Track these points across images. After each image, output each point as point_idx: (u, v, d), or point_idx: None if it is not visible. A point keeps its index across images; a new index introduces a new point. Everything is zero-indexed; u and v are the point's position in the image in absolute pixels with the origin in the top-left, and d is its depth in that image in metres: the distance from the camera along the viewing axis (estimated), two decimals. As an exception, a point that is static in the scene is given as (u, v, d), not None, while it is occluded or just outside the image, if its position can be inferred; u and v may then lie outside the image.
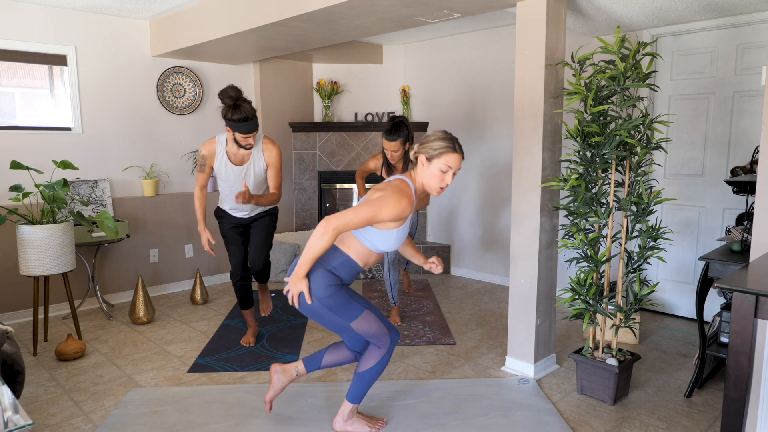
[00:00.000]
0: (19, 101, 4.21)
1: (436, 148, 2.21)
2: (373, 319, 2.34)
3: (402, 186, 2.20)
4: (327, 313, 2.28)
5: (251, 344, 3.57)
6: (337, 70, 5.79)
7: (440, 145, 2.21)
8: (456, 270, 5.50)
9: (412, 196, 2.20)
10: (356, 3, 3.08)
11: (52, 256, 3.38)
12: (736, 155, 3.71)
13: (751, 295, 1.63)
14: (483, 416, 2.64)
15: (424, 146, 2.23)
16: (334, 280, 2.25)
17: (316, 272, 2.23)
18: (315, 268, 2.24)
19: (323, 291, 2.23)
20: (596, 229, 2.83)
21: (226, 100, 2.95)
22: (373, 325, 2.34)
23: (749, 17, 3.50)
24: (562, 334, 3.76)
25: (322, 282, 2.23)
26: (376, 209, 2.12)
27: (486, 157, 5.10)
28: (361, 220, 2.13)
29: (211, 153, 3.21)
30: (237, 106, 2.93)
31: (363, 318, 2.31)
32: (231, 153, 3.20)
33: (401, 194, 2.15)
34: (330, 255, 2.27)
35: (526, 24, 2.91)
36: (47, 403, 2.81)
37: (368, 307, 2.35)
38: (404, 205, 2.14)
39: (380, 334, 2.36)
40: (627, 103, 2.60)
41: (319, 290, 2.23)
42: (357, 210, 2.13)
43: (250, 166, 3.24)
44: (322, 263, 2.25)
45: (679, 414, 2.67)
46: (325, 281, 2.23)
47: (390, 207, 2.13)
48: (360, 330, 2.33)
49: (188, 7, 4.21)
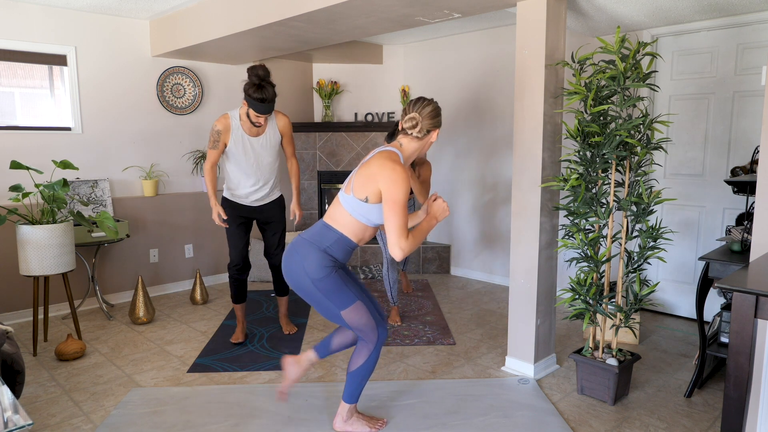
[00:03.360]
0: (19, 101, 4.21)
1: (440, 120, 2.29)
2: (364, 311, 2.32)
3: (394, 158, 2.19)
4: (319, 296, 2.26)
5: (240, 340, 3.57)
6: (337, 70, 5.79)
7: (440, 118, 2.30)
8: (456, 270, 5.50)
9: (406, 168, 2.22)
10: (356, 3, 3.08)
11: (52, 256, 3.38)
12: (736, 155, 3.71)
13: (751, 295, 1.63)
14: (483, 416, 2.64)
15: (435, 120, 2.26)
16: (329, 261, 2.24)
17: (310, 253, 2.23)
18: (309, 249, 2.24)
19: (317, 272, 2.22)
20: (596, 229, 2.83)
21: (252, 77, 3.11)
22: (363, 317, 2.32)
23: (749, 17, 3.50)
24: (562, 334, 3.76)
25: (317, 263, 2.22)
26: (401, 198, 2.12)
27: (486, 157, 5.09)
28: (405, 214, 2.13)
29: (226, 127, 3.29)
30: (261, 87, 3.09)
31: (354, 308, 2.29)
32: (245, 126, 3.32)
33: (400, 169, 2.14)
34: (323, 235, 2.25)
35: (526, 24, 2.91)
36: (47, 403, 2.81)
37: (361, 298, 2.33)
38: (408, 177, 2.15)
39: (369, 328, 2.34)
40: (627, 103, 2.60)
41: (313, 271, 2.22)
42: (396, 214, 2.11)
43: (266, 137, 3.39)
44: (316, 243, 2.24)
45: (679, 414, 2.67)
46: (320, 262, 2.22)
47: (403, 188, 2.12)
48: (349, 320, 2.31)
49: (188, 7, 4.21)
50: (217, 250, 5.21)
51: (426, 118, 2.23)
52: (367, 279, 5.30)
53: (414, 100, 2.26)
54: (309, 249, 2.24)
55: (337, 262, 2.28)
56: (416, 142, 2.27)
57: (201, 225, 5.07)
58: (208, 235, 5.13)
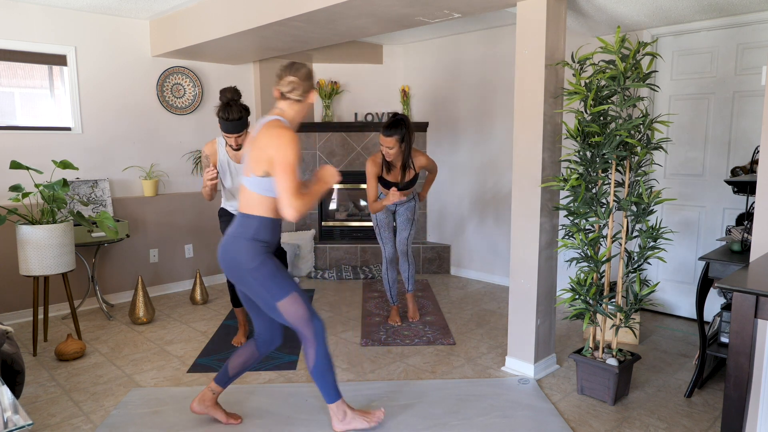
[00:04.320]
0: (19, 101, 4.21)
1: (313, 82, 2.35)
2: (300, 302, 2.33)
3: (277, 124, 2.24)
4: (257, 286, 2.29)
5: (242, 343, 3.56)
6: (337, 70, 5.79)
7: (313, 81, 2.36)
8: (456, 270, 5.50)
9: (292, 130, 2.26)
10: (356, 3, 3.08)
11: (52, 256, 3.38)
12: (736, 155, 3.71)
13: (751, 295, 1.63)
14: (483, 416, 2.64)
15: (311, 81, 2.32)
16: (260, 247, 2.28)
17: (240, 245, 2.27)
18: (238, 242, 2.27)
19: (251, 261, 2.26)
20: (596, 229, 2.83)
21: (221, 98, 3.14)
22: (299, 309, 2.32)
23: (749, 17, 3.50)
24: (562, 334, 3.76)
25: (249, 252, 2.26)
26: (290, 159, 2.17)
27: (486, 157, 5.09)
28: (294, 178, 2.18)
29: (213, 151, 3.36)
30: (228, 106, 3.10)
31: (291, 299, 2.31)
32: (230, 152, 3.34)
33: (287, 132, 2.20)
34: (245, 225, 2.29)
35: (526, 24, 2.91)
36: (47, 403, 2.81)
37: (297, 289, 2.35)
38: (295, 139, 2.20)
39: (304, 321, 2.33)
40: (627, 103, 2.60)
41: (247, 261, 2.26)
42: (288, 175, 2.16)
43: None
44: (242, 235, 2.28)
45: (680, 414, 2.67)
46: (252, 250, 2.26)
47: (292, 149, 2.17)
48: (285, 312, 2.31)
49: (188, 7, 4.21)
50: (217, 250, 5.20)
51: (304, 80, 2.29)
52: (367, 279, 5.30)
53: (287, 65, 2.31)
54: (238, 242, 2.28)
55: (268, 245, 2.31)
56: (296, 105, 2.32)
57: (201, 225, 5.07)
58: (208, 235, 5.13)
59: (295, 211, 2.17)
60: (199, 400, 2.57)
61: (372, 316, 4.15)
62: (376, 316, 4.17)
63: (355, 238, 5.73)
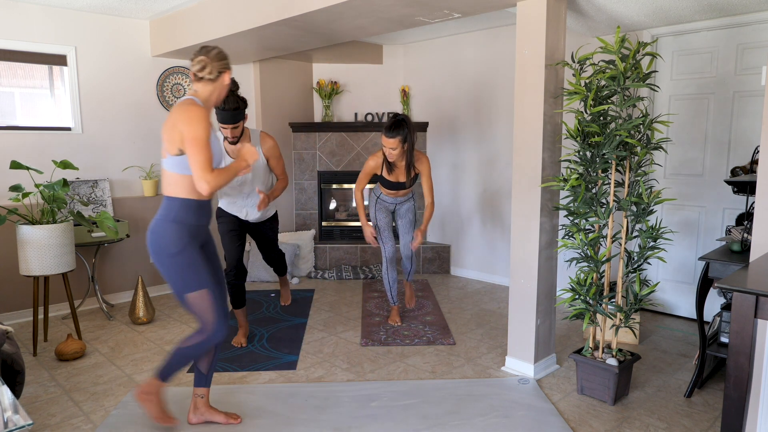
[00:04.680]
0: (19, 101, 4.21)
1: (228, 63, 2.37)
2: (209, 301, 2.35)
3: (190, 102, 2.26)
4: (173, 272, 2.31)
5: (243, 344, 3.56)
6: (337, 70, 5.79)
7: (228, 61, 2.38)
8: (456, 270, 5.50)
9: (204, 107, 2.28)
10: (356, 3, 3.08)
11: (52, 256, 3.38)
12: (736, 155, 3.71)
13: (751, 295, 1.63)
14: (483, 416, 2.64)
15: (223, 62, 2.34)
16: (184, 231, 2.30)
17: (163, 227, 2.29)
18: (162, 224, 2.30)
19: (173, 245, 2.28)
20: (596, 229, 2.83)
21: None
22: (205, 307, 2.35)
23: (749, 17, 3.50)
24: (562, 334, 3.76)
25: (171, 235, 2.28)
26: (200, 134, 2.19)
27: (486, 157, 5.09)
28: (207, 152, 2.21)
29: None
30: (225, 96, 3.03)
31: (200, 294, 2.33)
32: (228, 148, 3.29)
33: (197, 108, 2.23)
34: (168, 207, 2.31)
35: (526, 24, 2.91)
36: (47, 403, 2.81)
37: (211, 288, 2.35)
38: (205, 114, 2.24)
39: (208, 321, 2.36)
40: (627, 103, 2.60)
41: (170, 244, 2.28)
42: (198, 150, 2.19)
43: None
44: (164, 217, 2.30)
45: (679, 414, 2.67)
46: (174, 234, 2.28)
47: (202, 124, 2.20)
48: (192, 304, 2.34)
49: (188, 7, 4.21)
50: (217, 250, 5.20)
51: (214, 59, 2.31)
52: (367, 279, 5.30)
53: (198, 49, 2.36)
54: (162, 224, 2.30)
55: (192, 228, 2.33)
56: (210, 84, 2.34)
57: (201, 225, 5.06)
58: (208, 235, 5.12)
59: (208, 185, 2.20)
60: (192, 410, 2.58)
61: (372, 316, 4.15)
62: (376, 316, 4.17)
63: (355, 238, 5.73)
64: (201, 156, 2.19)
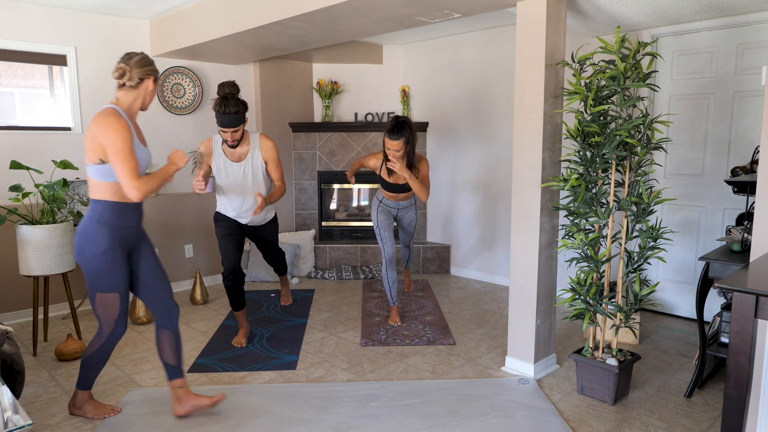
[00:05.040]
0: (18, 101, 4.21)
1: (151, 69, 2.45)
2: (116, 305, 2.48)
3: (108, 112, 2.32)
4: (92, 269, 2.42)
5: (243, 345, 3.56)
6: (337, 70, 5.79)
7: (152, 67, 2.45)
8: (456, 270, 5.50)
9: (122, 117, 2.34)
10: (356, 3, 3.08)
11: (52, 256, 3.38)
12: (736, 155, 3.71)
13: (751, 295, 1.63)
14: (483, 416, 2.64)
15: (145, 68, 2.41)
16: (108, 233, 2.40)
17: (90, 228, 2.40)
18: (89, 224, 2.41)
19: (98, 246, 2.39)
20: (596, 229, 2.83)
21: (219, 91, 3.12)
22: (111, 309, 2.48)
23: (749, 17, 3.50)
24: (562, 334, 3.76)
25: (96, 236, 2.39)
26: (119, 143, 2.27)
27: (486, 157, 5.09)
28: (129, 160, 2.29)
29: (208, 151, 3.31)
30: (225, 99, 3.07)
31: (111, 297, 2.46)
32: (227, 151, 3.28)
33: (113, 119, 2.29)
34: (93, 209, 2.41)
35: (526, 24, 2.91)
36: (47, 403, 2.81)
37: (122, 293, 2.48)
38: (123, 124, 2.30)
39: (109, 321, 2.50)
40: (627, 103, 2.60)
41: (95, 245, 2.39)
42: (121, 160, 2.27)
43: (248, 163, 3.30)
44: (91, 218, 2.41)
45: (679, 414, 2.67)
46: (101, 235, 2.39)
47: (119, 135, 2.27)
48: (100, 303, 2.46)
49: (188, 7, 4.21)
50: (217, 250, 5.20)
51: (134, 66, 2.37)
52: (367, 279, 5.30)
53: (122, 56, 2.42)
54: (90, 225, 2.41)
55: (118, 235, 2.42)
56: (132, 91, 2.41)
57: (201, 225, 5.07)
58: (208, 236, 5.13)
59: (137, 192, 2.29)
60: (176, 403, 2.63)
61: (372, 316, 4.15)
62: (376, 316, 4.17)
63: (355, 238, 5.73)
64: (125, 166, 2.28)
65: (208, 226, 5.10)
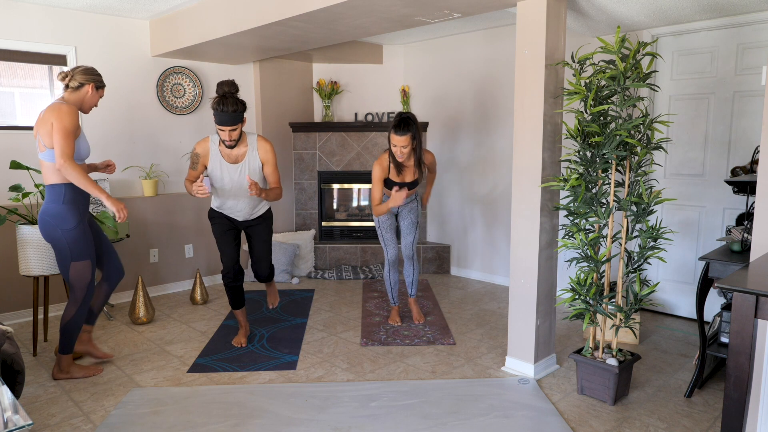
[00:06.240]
0: (19, 101, 4.21)
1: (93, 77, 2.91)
2: (89, 270, 2.90)
3: (59, 105, 2.74)
4: (64, 244, 2.81)
5: (243, 344, 3.56)
6: (337, 70, 5.79)
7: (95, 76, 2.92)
8: (456, 270, 5.50)
9: (75, 108, 2.80)
10: (356, 3, 3.08)
11: (52, 256, 3.38)
12: (736, 155, 3.71)
13: (751, 295, 1.63)
14: (483, 416, 2.64)
15: (86, 76, 2.88)
16: (77, 209, 2.83)
17: (57, 211, 2.78)
18: (54, 208, 2.78)
19: (71, 221, 2.81)
20: (596, 229, 2.83)
21: (218, 90, 3.11)
22: (85, 275, 2.89)
23: (749, 17, 3.50)
24: (562, 334, 3.76)
25: (65, 215, 2.79)
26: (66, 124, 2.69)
27: (486, 157, 5.09)
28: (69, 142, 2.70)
29: (205, 151, 3.23)
30: (224, 98, 3.06)
31: (84, 264, 2.88)
32: (224, 152, 3.23)
33: (67, 106, 2.74)
34: (54, 194, 2.79)
35: (526, 24, 2.91)
36: (47, 403, 2.81)
37: (92, 259, 2.92)
38: (74, 110, 2.77)
39: (83, 286, 2.90)
40: (627, 103, 2.60)
41: (66, 222, 2.80)
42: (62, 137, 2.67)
43: (245, 165, 3.26)
44: (57, 202, 2.79)
45: (680, 414, 2.67)
46: (70, 212, 2.80)
47: (69, 117, 2.72)
48: (73, 272, 2.85)
49: (188, 7, 4.21)
50: (217, 250, 5.20)
51: (78, 73, 2.85)
52: (367, 279, 5.30)
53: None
54: (54, 207, 2.79)
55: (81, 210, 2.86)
56: (74, 93, 2.87)
57: (201, 225, 5.07)
58: (208, 235, 5.13)
59: (63, 165, 2.65)
60: (78, 342, 3.13)
61: (372, 316, 4.15)
62: (376, 316, 4.17)
63: (356, 238, 5.73)
64: (62, 143, 2.65)
65: (208, 225, 5.10)
